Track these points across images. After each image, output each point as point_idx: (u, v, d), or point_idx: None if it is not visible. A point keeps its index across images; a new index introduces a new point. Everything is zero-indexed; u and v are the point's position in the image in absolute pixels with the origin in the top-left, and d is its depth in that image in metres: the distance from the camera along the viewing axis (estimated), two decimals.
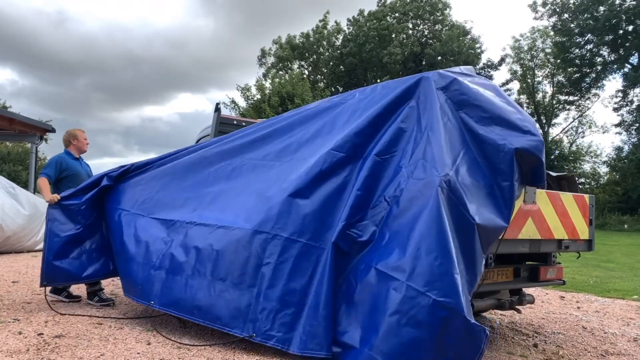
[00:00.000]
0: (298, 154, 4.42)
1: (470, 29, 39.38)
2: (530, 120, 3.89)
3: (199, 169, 4.96)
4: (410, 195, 3.55)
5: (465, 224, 3.36)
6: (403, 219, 3.49)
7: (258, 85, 26.41)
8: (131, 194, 5.19)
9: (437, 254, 3.20)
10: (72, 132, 5.88)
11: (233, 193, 4.54)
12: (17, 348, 3.71)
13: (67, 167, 5.60)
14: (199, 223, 4.44)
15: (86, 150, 5.93)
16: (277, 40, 41.68)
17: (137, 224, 4.92)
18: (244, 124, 8.81)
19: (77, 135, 5.85)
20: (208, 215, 4.49)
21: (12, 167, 23.42)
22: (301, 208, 3.94)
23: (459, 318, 3.07)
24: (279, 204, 4.00)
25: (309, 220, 3.88)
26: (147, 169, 5.30)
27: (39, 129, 14.50)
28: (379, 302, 3.31)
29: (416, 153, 3.75)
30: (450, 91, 3.92)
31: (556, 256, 4.66)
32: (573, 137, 42.46)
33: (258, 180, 4.46)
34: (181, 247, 4.42)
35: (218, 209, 4.49)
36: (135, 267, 4.71)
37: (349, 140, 4.05)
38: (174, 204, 4.84)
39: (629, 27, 32.92)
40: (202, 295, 4.10)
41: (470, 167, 3.62)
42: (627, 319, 5.67)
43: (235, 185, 4.61)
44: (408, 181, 3.62)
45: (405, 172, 3.70)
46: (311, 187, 3.99)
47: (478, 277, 3.38)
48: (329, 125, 4.48)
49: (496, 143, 3.62)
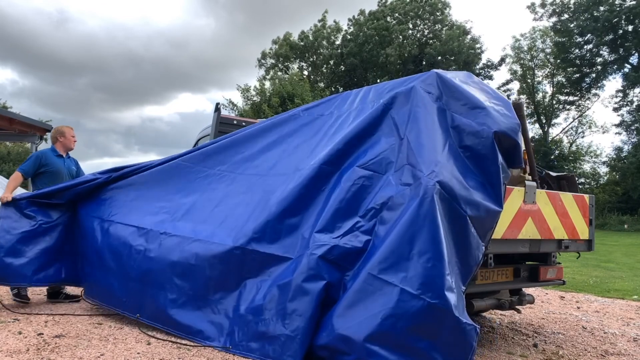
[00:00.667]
0: (279, 167, 4.44)
1: (470, 29, 39.41)
2: (505, 101, 3.94)
3: (176, 178, 4.93)
4: (400, 200, 3.57)
5: (457, 217, 3.40)
6: (394, 223, 3.49)
7: (258, 85, 26.44)
8: (107, 202, 5.11)
9: (430, 256, 3.23)
10: (59, 129, 5.84)
11: (210, 205, 4.53)
12: (17, 348, 3.71)
13: (47, 163, 5.54)
14: (173, 234, 4.39)
15: (73, 148, 5.87)
16: (276, 40, 41.71)
17: (111, 232, 4.81)
18: (244, 124, 8.83)
19: (65, 132, 5.78)
20: (183, 226, 4.45)
21: (12, 167, 23.45)
22: (284, 223, 3.97)
23: (451, 318, 3.14)
24: (262, 219, 4.04)
25: (291, 234, 3.92)
26: (123, 178, 5.22)
27: (38, 129, 14.48)
28: (373, 306, 3.30)
29: (400, 158, 3.79)
30: (428, 85, 3.99)
31: (556, 256, 4.66)
32: (573, 137, 42.48)
33: (239, 192, 4.47)
34: (156, 258, 4.37)
35: (194, 221, 4.46)
36: (112, 278, 4.67)
37: (334, 154, 4.09)
38: (148, 212, 4.76)
39: (629, 27, 32.91)
40: (182, 309, 4.15)
41: (455, 158, 3.65)
42: (627, 319, 5.67)
43: (212, 197, 4.59)
44: (397, 187, 3.64)
45: (392, 179, 3.72)
46: (297, 202, 4.02)
47: (474, 267, 3.43)
48: (310, 138, 4.52)
49: (475, 130, 3.67)
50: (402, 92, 4.11)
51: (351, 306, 3.40)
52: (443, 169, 3.49)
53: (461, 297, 3.30)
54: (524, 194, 4.04)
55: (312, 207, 3.99)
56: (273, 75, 33.46)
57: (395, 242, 3.36)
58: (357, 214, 3.74)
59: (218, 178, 4.72)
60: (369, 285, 3.35)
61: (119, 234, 4.73)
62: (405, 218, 3.40)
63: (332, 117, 4.59)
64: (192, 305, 4.11)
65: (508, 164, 3.73)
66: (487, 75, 40.45)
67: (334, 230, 3.71)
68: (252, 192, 4.37)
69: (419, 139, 3.76)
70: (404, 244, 3.33)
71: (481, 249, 3.47)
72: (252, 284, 3.92)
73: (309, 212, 3.97)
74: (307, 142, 4.50)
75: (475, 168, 3.65)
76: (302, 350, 3.44)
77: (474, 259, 3.43)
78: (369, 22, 38.41)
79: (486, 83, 4.47)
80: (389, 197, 3.64)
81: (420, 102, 3.96)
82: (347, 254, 3.61)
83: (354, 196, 3.80)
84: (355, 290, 3.41)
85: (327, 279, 3.56)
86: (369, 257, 3.51)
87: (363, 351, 3.23)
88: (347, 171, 3.94)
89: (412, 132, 3.84)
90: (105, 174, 5.24)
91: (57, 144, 5.76)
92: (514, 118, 3.79)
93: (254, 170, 4.57)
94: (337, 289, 3.57)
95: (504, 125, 3.66)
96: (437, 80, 3.99)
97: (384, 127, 4.06)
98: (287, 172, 4.31)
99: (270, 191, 4.24)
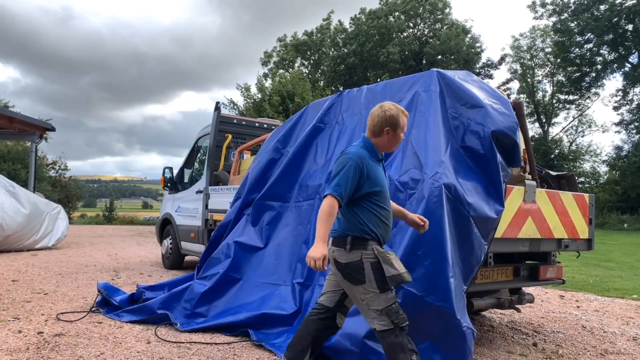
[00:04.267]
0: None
1: (470, 28, 39.35)
2: (503, 100, 3.94)
3: None
4: (408, 207, 3.56)
5: (461, 218, 3.42)
6: (403, 229, 3.51)
7: (259, 84, 26.34)
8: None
9: (435, 258, 3.26)
10: (394, 115, 2.93)
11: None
12: (17, 347, 3.71)
13: (370, 174, 2.85)
14: None
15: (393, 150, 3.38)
16: (282, 39, 41.61)
17: None
18: (244, 123, 8.84)
19: (399, 121, 2.94)
20: None
21: (12, 166, 23.37)
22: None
23: (452, 321, 3.18)
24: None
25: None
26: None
27: (38, 128, 14.50)
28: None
29: (405, 162, 3.81)
30: (429, 84, 4.02)
31: (556, 255, 4.67)
32: (573, 136, 42.45)
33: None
34: None
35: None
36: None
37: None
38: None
39: (629, 26, 32.87)
40: None
41: (457, 158, 3.67)
42: (626, 318, 5.67)
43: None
44: (404, 193, 3.66)
45: (400, 185, 3.73)
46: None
47: (476, 267, 3.45)
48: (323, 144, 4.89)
49: (474, 129, 3.70)
50: (406, 97, 4.16)
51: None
52: (447, 170, 3.49)
53: (462, 298, 3.31)
54: (524, 193, 4.03)
55: None
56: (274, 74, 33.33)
57: (407, 247, 3.38)
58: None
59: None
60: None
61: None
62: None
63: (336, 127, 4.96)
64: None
65: (507, 162, 3.73)
66: (487, 74, 40.38)
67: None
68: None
69: (421, 140, 3.76)
70: (412, 247, 3.35)
71: (483, 248, 3.47)
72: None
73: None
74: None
75: (476, 167, 3.66)
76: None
77: (476, 258, 3.44)
78: (368, 21, 38.36)
79: (486, 82, 4.47)
80: (399, 204, 3.67)
81: (422, 102, 3.97)
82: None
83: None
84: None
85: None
86: None
87: (365, 348, 3.25)
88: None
89: (415, 134, 3.84)
90: None
91: (380, 138, 2.95)
92: (512, 117, 3.80)
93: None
94: None
95: (502, 124, 3.67)
96: (438, 79, 4.00)
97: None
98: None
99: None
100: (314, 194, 4.68)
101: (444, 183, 3.40)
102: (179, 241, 8.58)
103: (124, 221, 29.07)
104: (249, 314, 4.25)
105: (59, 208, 12.42)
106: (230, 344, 3.95)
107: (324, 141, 5.01)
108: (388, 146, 2.95)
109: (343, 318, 2.99)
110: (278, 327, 4.07)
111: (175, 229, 8.72)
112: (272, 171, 5.31)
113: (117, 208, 33.67)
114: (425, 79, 4.11)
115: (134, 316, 4.68)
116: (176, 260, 8.76)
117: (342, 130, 4.87)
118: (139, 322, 4.59)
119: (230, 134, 8.21)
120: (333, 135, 4.95)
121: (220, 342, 3.97)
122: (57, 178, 28.47)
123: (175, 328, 4.34)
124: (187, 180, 9.09)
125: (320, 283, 4.12)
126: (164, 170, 9.36)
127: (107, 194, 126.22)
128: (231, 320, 4.27)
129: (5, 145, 24.70)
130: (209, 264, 5.08)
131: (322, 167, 4.79)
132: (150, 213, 49.26)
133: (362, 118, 4.68)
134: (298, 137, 5.30)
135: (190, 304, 4.64)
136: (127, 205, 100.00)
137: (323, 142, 5.01)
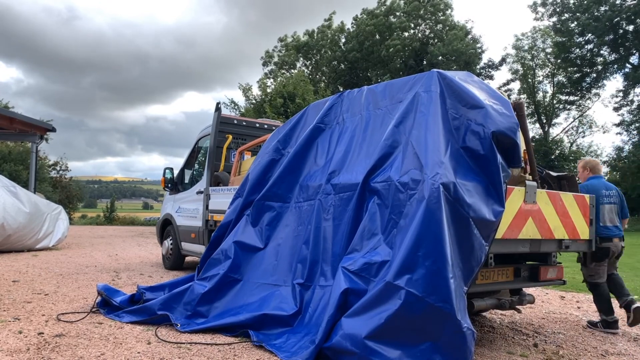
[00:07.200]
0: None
1: (471, 29, 39.33)
2: (504, 101, 3.95)
3: None
4: (408, 205, 3.60)
5: (460, 219, 3.42)
6: (407, 229, 3.52)
7: (261, 85, 26.30)
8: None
9: (435, 258, 3.26)
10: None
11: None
12: (17, 347, 3.71)
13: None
14: None
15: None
16: (283, 39, 41.57)
17: None
18: (245, 124, 8.84)
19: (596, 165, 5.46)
20: None
21: (13, 167, 23.42)
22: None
23: (453, 322, 3.18)
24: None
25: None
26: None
27: (39, 129, 14.50)
28: (380, 307, 3.35)
29: (405, 162, 3.82)
30: (429, 85, 4.04)
31: (556, 256, 4.66)
32: (573, 136, 42.45)
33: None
34: None
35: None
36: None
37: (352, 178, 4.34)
38: None
39: (630, 26, 32.85)
40: None
41: (457, 159, 3.67)
42: None
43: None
44: (405, 193, 3.67)
45: (400, 186, 3.74)
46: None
47: (476, 267, 3.45)
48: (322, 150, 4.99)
49: (475, 130, 3.70)
50: (406, 97, 4.18)
51: (363, 309, 3.46)
52: (446, 170, 3.50)
53: (463, 299, 3.31)
54: (524, 193, 4.03)
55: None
56: (275, 74, 33.31)
57: (408, 248, 3.39)
58: (379, 232, 3.82)
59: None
60: (385, 290, 3.40)
61: None
62: (414, 222, 3.44)
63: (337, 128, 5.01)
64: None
65: (507, 163, 3.73)
66: (487, 75, 40.35)
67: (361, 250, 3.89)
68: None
69: (422, 141, 3.76)
70: (412, 247, 3.36)
71: (484, 249, 3.47)
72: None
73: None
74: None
75: (476, 168, 3.66)
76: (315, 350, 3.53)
77: (476, 259, 3.44)
78: (367, 20, 38.35)
79: (486, 83, 4.47)
80: (400, 204, 3.68)
81: (422, 103, 3.97)
82: (369, 264, 3.70)
83: (374, 215, 3.90)
84: (370, 295, 3.47)
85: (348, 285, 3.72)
86: (390, 266, 3.55)
87: (365, 349, 3.25)
88: (368, 190, 4.13)
89: (415, 135, 3.85)
90: None
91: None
92: (513, 117, 3.79)
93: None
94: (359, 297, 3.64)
95: (502, 125, 3.67)
96: (438, 79, 4.00)
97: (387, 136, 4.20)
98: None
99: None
100: (314, 195, 4.68)
101: (444, 183, 3.41)
102: (180, 242, 8.58)
103: (124, 222, 29.09)
104: (249, 314, 4.25)
105: (60, 209, 12.43)
106: (231, 344, 3.95)
107: (324, 142, 5.01)
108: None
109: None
110: (278, 327, 4.07)
111: (176, 230, 8.72)
112: (272, 172, 5.31)
113: (118, 209, 33.70)
114: (425, 80, 4.11)
115: (134, 317, 4.69)
116: (177, 260, 8.77)
117: (342, 130, 4.87)
118: (139, 322, 4.60)
119: (231, 134, 8.22)
120: (333, 135, 4.95)
121: (220, 343, 3.97)
122: (57, 179, 28.51)
123: (176, 329, 4.35)
124: (188, 181, 9.10)
125: (321, 284, 4.13)
126: (165, 171, 9.37)
127: (107, 194, 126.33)
128: (231, 321, 4.28)
129: (6, 146, 24.73)
130: (209, 264, 5.08)
131: (323, 168, 4.80)
132: (150, 214, 49.30)
133: (363, 118, 4.69)
134: (298, 137, 5.31)
135: (191, 305, 4.65)
136: (127, 206, 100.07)
137: (323, 143, 5.01)
